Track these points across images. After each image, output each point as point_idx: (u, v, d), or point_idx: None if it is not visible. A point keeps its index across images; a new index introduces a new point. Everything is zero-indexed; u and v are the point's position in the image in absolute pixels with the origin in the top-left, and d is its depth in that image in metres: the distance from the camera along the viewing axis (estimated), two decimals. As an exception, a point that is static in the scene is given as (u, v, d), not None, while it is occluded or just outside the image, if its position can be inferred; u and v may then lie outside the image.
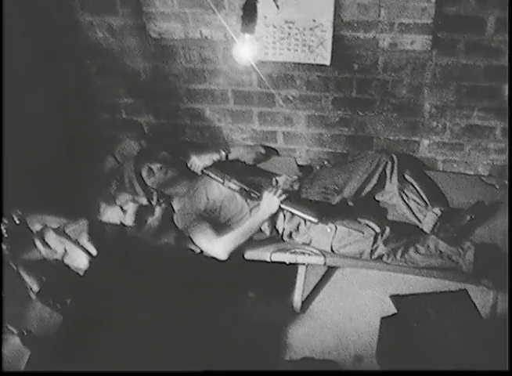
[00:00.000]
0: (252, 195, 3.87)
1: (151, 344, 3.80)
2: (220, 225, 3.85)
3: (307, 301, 4.06)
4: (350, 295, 4.10)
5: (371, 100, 4.04)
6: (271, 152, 4.42)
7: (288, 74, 3.98)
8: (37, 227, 3.25)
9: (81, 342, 3.44)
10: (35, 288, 2.88)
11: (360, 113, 4.12)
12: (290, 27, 3.73)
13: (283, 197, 3.71)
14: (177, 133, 4.49)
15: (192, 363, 3.69)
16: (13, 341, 2.77)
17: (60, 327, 2.89)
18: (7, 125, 3.66)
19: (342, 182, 4.00)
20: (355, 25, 3.67)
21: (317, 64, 3.88)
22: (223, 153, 4.20)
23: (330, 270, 4.25)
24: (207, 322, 3.97)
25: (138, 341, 3.79)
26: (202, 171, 4.05)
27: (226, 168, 4.09)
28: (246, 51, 3.40)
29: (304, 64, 3.91)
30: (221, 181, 3.91)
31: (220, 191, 3.93)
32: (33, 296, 2.93)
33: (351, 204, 3.93)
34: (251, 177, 4.06)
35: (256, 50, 3.52)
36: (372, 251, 3.64)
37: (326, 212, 3.74)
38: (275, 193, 3.72)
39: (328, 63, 3.84)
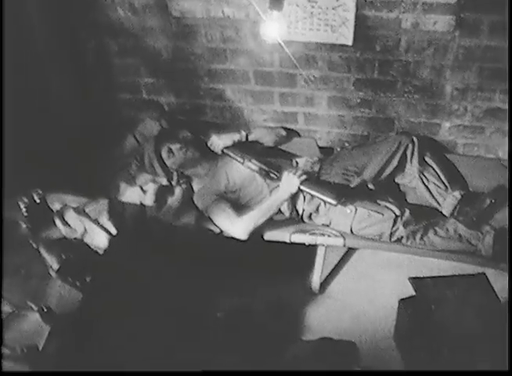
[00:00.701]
0: (271, 175, 3.85)
1: (169, 323, 3.80)
2: (240, 205, 3.84)
3: (325, 283, 4.07)
4: (368, 277, 4.10)
5: (393, 82, 3.98)
6: (291, 134, 4.38)
7: (310, 54, 3.92)
8: (57, 206, 3.24)
9: (99, 321, 3.44)
10: (55, 266, 2.88)
11: (381, 95, 4.07)
12: (312, 6, 3.68)
13: (303, 178, 3.69)
14: (197, 113, 4.45)
15: (210, 343, 3.70)
16: (33, 318, 2.78)
17: (79, 304, 2.90)
18: (29, 103, 3.66)
19: (362, 165, 3.96)
20: (378, 4, 3.62)
21: (339, 44, 3.83)
22: (244, 134, 4.15)
23: (349, 252, 4.24)
24: (225, 301, 3.96)
25: (157, 320, 3.79)
26: (222, 151, 4.03)
27: (246, 148, 4.06)
28: (274, 29, 3.36)
29: (326, 44, 3.86)
30: (241, 161, 3.90)
31: (240, 172, 3.92)
32: (52, 274, 2.92)
33: (371, 186, 3.89)
34: (271, 158, 4.03)
35: (283, 28, 3.48)
36: (391, 233, 3.63)
37: (345, 194, 3.71)
38: (294, 174, 3.70)
39: (350, 43, 3.79)
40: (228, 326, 3.84)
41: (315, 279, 3.98)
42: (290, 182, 3.70)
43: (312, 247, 3.90)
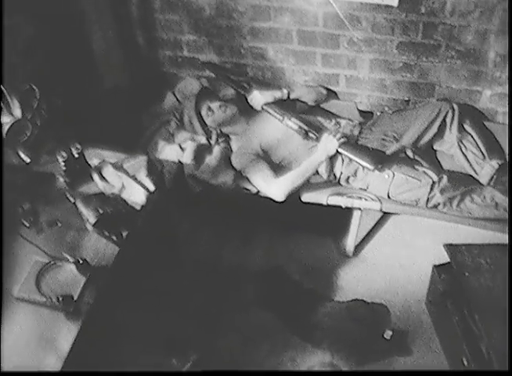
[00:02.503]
0: (311, 135, 3.78)
1: (202, 279, 3.86)
2: (277, 165, 3.80)
3: (360, 246, 4.03)
4: (403, 242, 4.05)
5: (436, 46, 3.83)
6: (332, 94, 4.28)
7: (354, 14, 3.78)
8: (95, 161, 3.20)
9: (134, 275, 3.46)
10: (92, 220, 2.85)
11: (424, 59, 3.93)
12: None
13: (342, 140, 3.64)
14: (238, 73, 4.35)
15: (243, 300, 3.79)
16: (69, 269, 2.78)
17: (115, 258, 2.90)
18: (71, 56, 3.65)
19: (402, 130, 3.87)
20: (425, -36, 3.48)
21: (384, 5, 3.68)
22: (285, 91, 4.07)
23: (385, 217, 4.18)
24: (260, 261, 3.99)
25: (190, 276, 3.84)
26: (262, 108, 3.97)
27: (287, 106, 3.99)
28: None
29: (371, 4, 3.71)
30: (281, 119, 3.85)
31: (279, 130, 3.86)
32: (89, 227, 2.90)
33: (409, 151, 3.81)
34: (312, 117, 3.96)
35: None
36: (428, 199, 3.57)
37: (383, 159, 3.64)
38: (334, 136, 3.65)
39: (395, 4, 3.64)
40: (262, 283, 3.86)
41: (350, 242, 3.94)
42: (328, 143, 3.66)
43: (348, 211, 3.83)
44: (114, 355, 3.26)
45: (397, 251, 4.01)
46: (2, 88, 3.08)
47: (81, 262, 2.75)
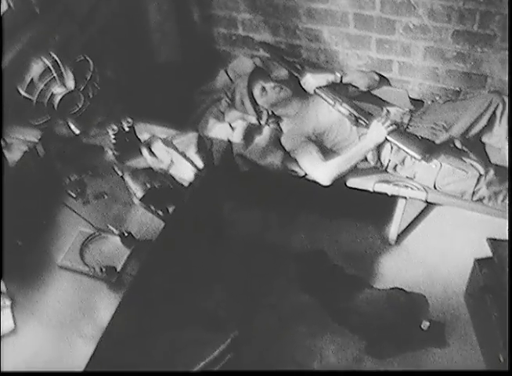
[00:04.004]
0: (361, 121, 3.72)
1: (245, 257, 3.89)
2: (327, 149, 3.76)
3: (402, 235, 3.98)
4: (446, 234, 3.98)
5: (491, 36, 3.73)
6: (384, 81, 4.22)
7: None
8: (145, 136, 3.20)
9: (178, 250, 3.47)
10: (139, 194, 2.85)
11: (478, 50, 3.83)
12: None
13: (391, 128, 3.57)
14: (292, 54, 4.30)
15: (282, 282, 3.81)
16: (113, 240, 2.79)
17: (160, 232, 2.91)
18: (127, 32, 3.66)
19: (451, 120, 3.77)
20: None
21: (442, -8, 3.61)
22: (338, 75, 3.99)
23: (429, 207, 4.10)
24: (301, 243, 3.98)
25: (234, 253, 3.87)
26: (314, 91, 3.91)
27: (339, 90, 3.92)
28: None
29: (428, -10, 3.65)
30: (333, 103, 3.78)
31: (330, 114, 3.80)
32: (136, 201, 2.90)
33: (457, 143, 3.74)
34: (363, 103, 3.89)
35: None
36: (474, 192, 3.51)
37: (431, 149, 3.57)
38: (383, 123, 3.57)
39: (453, -10, 3.56)
40: (302, 265, 3.86)
41: (393, 230, 3.90)
42: (377, 130, 3.59)
43: (391, 199, 3.80)
44: (153, 328, 3.29)
45: (439, 243, 3.95)
46: (57, 58, 3.08)
47: (125, 234, 2.75)
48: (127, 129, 3.07)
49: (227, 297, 3.69)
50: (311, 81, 3.95)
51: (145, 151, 3.13)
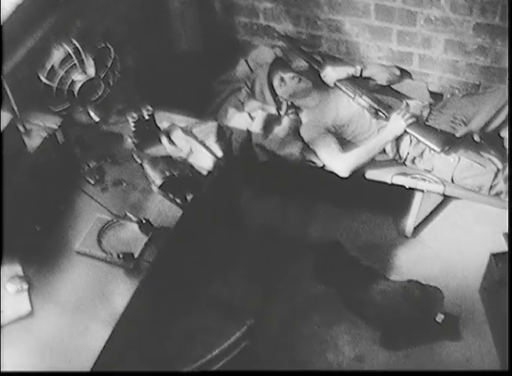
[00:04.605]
0: (380, 114, 3.70)
1: (262, 247, 3.90)
2: (345, 141, 3.74)
3: (419, 228, 3.96)
4: (462, 228, 3.96)
5: (512, 30, 3.70)
6: (404, 75, 4.17)
7: (433, -9, 3.68)
8: (164, 124, 3.21)
9: (196, 237, 3.47)
10: (158, 182, 2.85)
11: (499, 43, 3.78)
12: None
13: (411, 121, 3.56)
14: (313, 45, 4.28)
15: (298, 272, 3.82)
16: (131, 227, 2.81)
17: (178, 220, 2.91)
18: (148, 16, 3.66)
19: (471, 114, 3.73)
20: None
21: (464, -17, 3.57)
22: (358, 68, 3.96)
23: (445, 201, 4.07)
24: (318, 234, 3.99)
25: (249, 243, 3.87)
26: (334, 84, 3.89)
27: (358, 83, 3.90)
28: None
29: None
30: (352, 96, 3.77)
31: (349, 107, 3.78)
32: (154, 189, 2.92)
33: (476, 137, 3.71)
34: (382, 96, 3.87)
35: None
36: (491, 186, 3.49)
37: (450, 143, 3.55)
38: (403, 116, 3.57)
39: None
40: (318, 256, 3.86)
41: (410, 223, 3.89)
42: (397, 123, 3.58)
43: (409, 192, 3.78)
44: (169, 315, 3.30)
45: (455, 236, 3.94)
46: (78, 45, 3.09)
47: (143, 221, 2.77)
48: (147, 117, 3.07)
49: (243, 285, 3.70)
50: (331, 73, 3.92)
51: (164, 139, 3.14)
